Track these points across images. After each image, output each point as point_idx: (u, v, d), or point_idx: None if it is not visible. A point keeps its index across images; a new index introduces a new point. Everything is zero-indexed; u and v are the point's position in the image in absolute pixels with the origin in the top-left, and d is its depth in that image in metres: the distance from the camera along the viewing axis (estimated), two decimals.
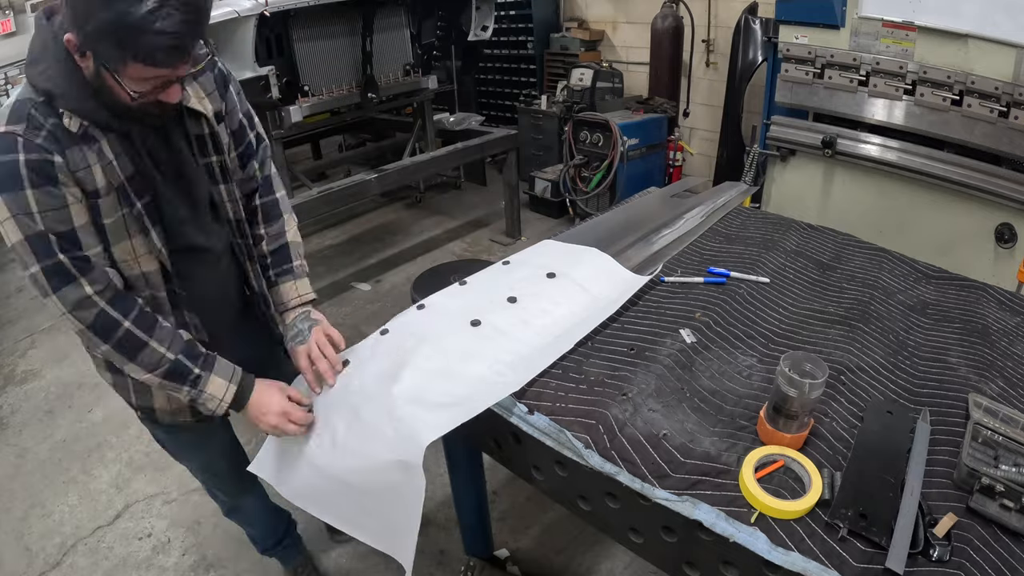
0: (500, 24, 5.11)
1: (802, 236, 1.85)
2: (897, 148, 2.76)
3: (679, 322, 1.37)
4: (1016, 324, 1.42)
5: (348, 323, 3.38)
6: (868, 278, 1.60)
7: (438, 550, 1.96)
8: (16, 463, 2.54)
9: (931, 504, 0.91)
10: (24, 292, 4.21)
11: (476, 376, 1.17)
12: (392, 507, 1.07)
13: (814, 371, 0.97)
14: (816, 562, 0.82)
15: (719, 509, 0.90)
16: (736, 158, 4.01)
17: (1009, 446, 0.96)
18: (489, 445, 1.28)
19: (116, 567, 2.01)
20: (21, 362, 3.31)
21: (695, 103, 4.69)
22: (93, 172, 1.01)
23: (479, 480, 1.65)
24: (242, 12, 2.79)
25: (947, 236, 2.68)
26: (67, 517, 2.23)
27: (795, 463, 0.96)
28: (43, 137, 0.96)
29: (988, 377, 1.21)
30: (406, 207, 5.05)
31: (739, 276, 1.56)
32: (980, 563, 0.82)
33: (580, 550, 1.94)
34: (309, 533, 2.02)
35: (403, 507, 1.05)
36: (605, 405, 1.11)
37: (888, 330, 1.37)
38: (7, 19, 5.29)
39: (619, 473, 0.99)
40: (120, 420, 2.74)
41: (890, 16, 2.60)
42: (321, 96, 3.50)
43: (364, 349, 1.29)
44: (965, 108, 2.45)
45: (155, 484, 2.35)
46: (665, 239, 1.77)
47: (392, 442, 1.05)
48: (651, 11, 4.42)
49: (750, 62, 3.92)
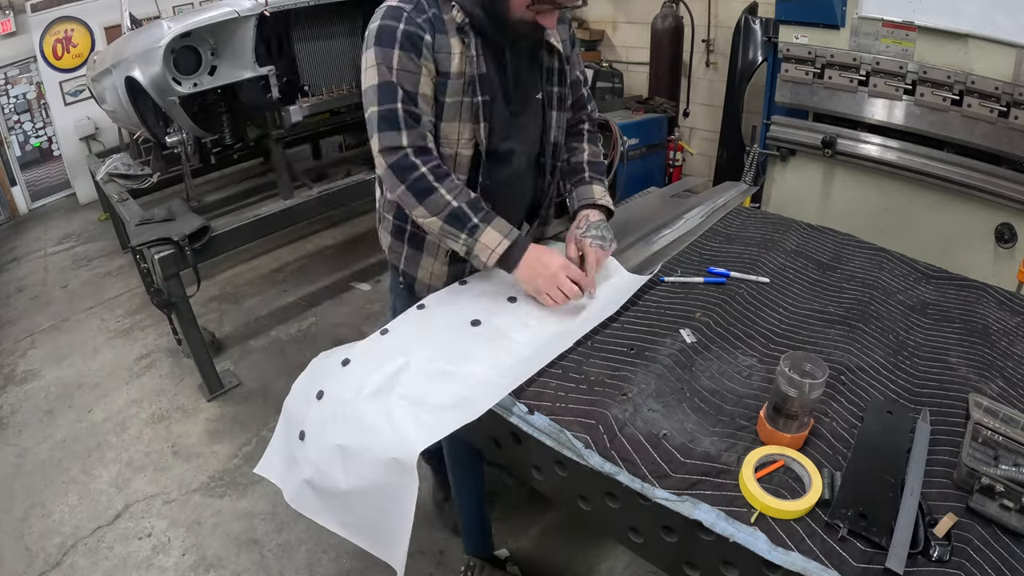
0: None
1: (802, 236, 1.85)
2: (897, 148, 2.75)
3: (679, 322, 1.37)
4: (1016, 324, 1.42)
5: (348, 323, 3.38)
6: (868, 278, 1.60)
7: (438, 550, 1.96)
8: (16, 463, 2.54)
9: (931, 504, 0.91)
10: (24, 292, 4.21)
11: (476, 377, 1.17)
12: (385, 509, 1.06)
13: (814, 371, 0.97)
14: (816, 562, 0.82)
15: (719, 509, 0.90)
16: (736, 158, 4.00)
17: (1009, 446, 0.96)
18: (489, 445, 1.28)
19: (116, 567, 2.01)
20: (21, 362, 3.32)
21: (695, 103, 4.69)
22: (451, 58, 1.25)
23: (479, 480, 1.65)
24: (242, 12, 2.79)
25: (947, 236, 2.67)
26: (67, 517, 2.23)
27: (795, 463, 0.96)
28: (423, 19, 1.22)
29: (988, 377, 1.21)
30: None
31: (739, 276, 1.56)
32: (980, 563, 0.82)
33: (580, 550, 1.94)
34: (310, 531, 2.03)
35: (396, 509, 1.04)
36: (605, 405, 1.11)
37: (888, 330, 1.37)
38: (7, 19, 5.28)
39: (619, 473, 0.99)
40: (120, 420, 2.74)
41: (890, 16, 2.60)
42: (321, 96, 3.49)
43: (364, 349, 1.29)
44: (965, 108, 2.45)
45: (155, 484, 2.35)
46: (665, 239, 1.77)
47: (389, 443, 1.05)
48: (651, 11, 4.41)
49: (750, 62, 3.91)
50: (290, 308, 3.61)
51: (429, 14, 1.23)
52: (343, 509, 1.13)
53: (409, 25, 1.21)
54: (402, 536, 1.05)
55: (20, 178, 5.78)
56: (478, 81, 1.28)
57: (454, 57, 1.25)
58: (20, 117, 5.63)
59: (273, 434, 1.29)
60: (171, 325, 2.94)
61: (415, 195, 1.25)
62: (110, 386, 3.02)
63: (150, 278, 3.01)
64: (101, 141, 5.64)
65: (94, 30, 5.58)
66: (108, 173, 3.92)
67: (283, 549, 2.03)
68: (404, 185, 1.25)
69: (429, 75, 1.25)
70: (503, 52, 1.31)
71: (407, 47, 1.21)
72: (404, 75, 1.22)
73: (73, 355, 3.31)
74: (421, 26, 1.22)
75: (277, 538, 2.07)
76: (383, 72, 1.22)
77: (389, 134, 1.23)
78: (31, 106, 5.67)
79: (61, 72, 5.57)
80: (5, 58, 5.40)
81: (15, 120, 5.61)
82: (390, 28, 1.21)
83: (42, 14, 5.33)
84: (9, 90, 5.52)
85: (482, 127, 1.31)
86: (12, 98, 5.54)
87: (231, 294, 3.86)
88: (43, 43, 5.42)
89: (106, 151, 4.99)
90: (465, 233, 1.26)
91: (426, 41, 1.22)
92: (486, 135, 1.32)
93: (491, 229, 1.27)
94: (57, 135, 5.79)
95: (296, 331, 3.37)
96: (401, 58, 1.21)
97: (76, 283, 4.25)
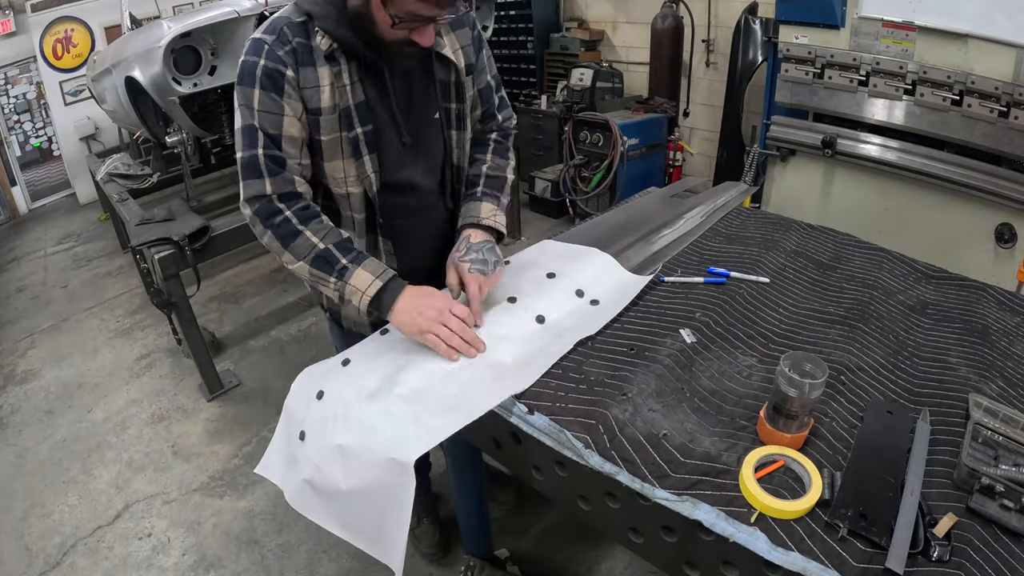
0: (500, 24, 5.11)
1: (802, 236, 1.85)
2: (897, 148, 2.75)
3: (679, 322, 1.37)
4: (1016, 324, 1.42)
5: None
6: (868, 278, 1.60)
7: None
8: (16, 463, 2.54)
9: (931, 504, 0.91)
10: (24, 292, 4.21)
11: (476, 378, 1.17)
12: (384, 510, 1.06)
13: (814, 371, 0.97)
14: (816, 562, 0.82)
15: (719, 509, 0.90)
16: (736, 158, 4.00)
17: (1009, 446, 0.96)
18: (489, 445, 1.28)
19: (116, 567, 2.01)
20: (21, 362, 3.32)
21: (695, 103, 4.69)
22: (320, 92, 1.13)
23: (479, 480, 1.65)
24: (242, 12, 2.80)
25: (947, 236, 2.67)
26: (67, 517, 2.23)
27: (795, 463, 0.96)
28: (285, 51, 1.10)
29: (988, 377, 1.20)
30: None
31: (739, 276, 1.56)
32: (980, 563, 0.82)
33: (580, 550, 1.94)
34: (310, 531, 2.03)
35: (395, 509, 1.04)
36: (605, 405, 1.11)
37: (888, 330, 1.37)
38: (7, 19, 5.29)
39: (619, 473, 0.99)
40: (120, 420, 2.74)
41: (890, 16, 2.60)
42: None
43: (365, 349, 1.29)
44: (965, 108, 2.45)
45: (155, 484, 2.35)
46: (665, 239, 1.77)
47: (389, 443, 1.05)
48: (651, 11, 4.42)
49: (750, 62, 3.92)
50: (290, 308, 3.61)
51: (293, 43, 1.11)
52: (343, 510, 1.13)
53: (269, 60, 1.10)
54: (399, 536, 1.05)
55: (20, 178, 5.79)
56: (355, 112, 1.16)
57: (323, 90, 1.13)
58: (20, 117, 5.64)
59: (273, 434, 1.29)
60: (171, 325, 2.95)
61: (279, 240, 1.16)
62: (110, 386, 3.02)
63: (150, 278, 3.01)
64: (101, 141, 5.65)
65: (94, 30, 5.58)
66: (108, 173, 3.92)
67: (283, 549, 2.03)
68: (269, 231, 1.16)
69: (295, 114, 1.14)
70: (382, 75, 1.18)
71: (267, 86, 1.10)
72: (265, 117, 1.12)
73: (73, 355, 3.32)
74: (282, 60, 1.10)
75: (277, 538, 2.07)
76: (245, 114, 1.13)
77: (252, 182, 1.14)
78: (31, 106, 5.68)
79: (61, 72, 5.58)
80: (5, 58, 5.40)
81: (15, 120, 5.62)
82: (251, 65, 1.10)
83: (42, 14, 5.34)
84: (9, 90, 5.52)
85: (368, 161, 1.20)
86: (12, 98, 5.55)
87: (231, 294, 3.86)
88: (43, 43, 5.42)
89: (106, 151, 5.00)
90: (334, 276, 1.16)
91: (288, 77, 1.10)
92: (373, 169, 1.21)
93: (361, 270, 1.16)
94: (57, 135, 5.79)
95: (296, 331, 3.37)
96: (262, 98, 1.11)
97: (76, 283, 4.25)
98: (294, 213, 1.15)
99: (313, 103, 1.14)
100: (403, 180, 1.26)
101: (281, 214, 1.15)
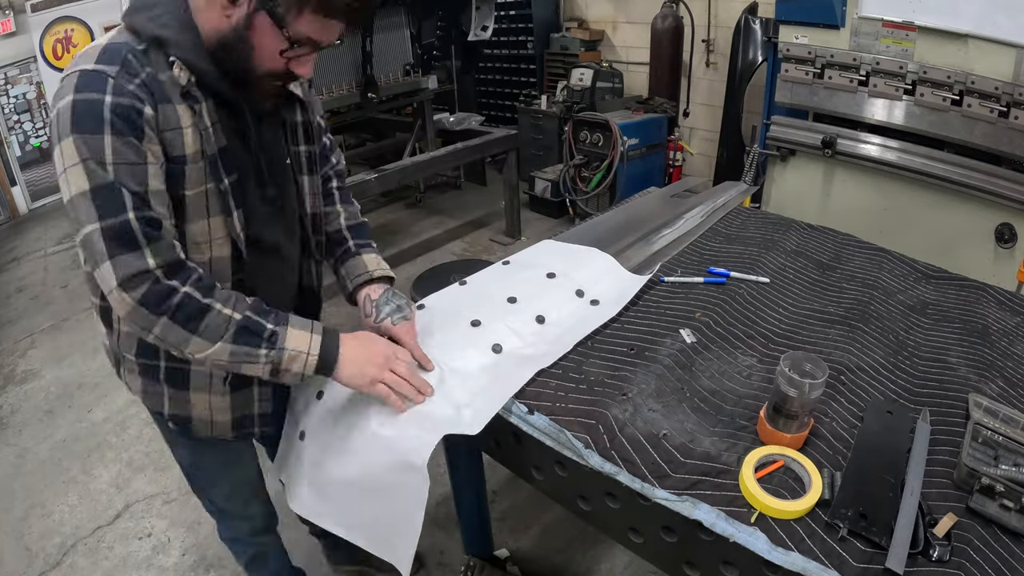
0: (500, 24, 5.11)
1: (802, 236, 1.85)
2: (897, 148, 2.76)
3: (679, 322, 1.37)
4: (1016, 324, 1.42)
5: (348, 324, 3.38)
6: (868, 278, 1.60)
7: (438, 550, 1.96)
8: (16, 463, 2.54)
9: (931, 504, 0.91)
10: (24, 292, 4.21)
11: (476, 379, 1.17)
12: (390, 510, 1.06)
13: (814, 371, 0.97)
14: (816, 562, 0.82)
15: (719, 509, 0.90)
16: (736, 158, 4.01)
17: (1009, 446, 0.96)
18: (489, 445, 1.28)
19: (116, 567, 2.01)
20: (21, 362, 3.31)
21: (695, 103, 4.69)
22: (183, 135, 0.91)
23: (479, 480, 1.65)
24: None
25: (947, 236, 2.68)
26: (67, 517, 2.23)
27: (795, 463, 0.96)
28: (136, 84, 0.86)
29: (988, 377, 1.21)
30: (406, 207, 5.04)
31: (739, 276, 1.56)
32: (980, 563, 0.82)
33: (580, 550, 1.94)
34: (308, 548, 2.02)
35: (402, 509, 1.04)
36: (605, 405, 1.11)
37: (888, 330, 1.37)
38: (7, 19, 5.29)
39: (619, 473, 0.99)
40: (120, 420, 2.74)
41: (890, 16, 2.60)
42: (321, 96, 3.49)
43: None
44: (965, 108, 2.45)
45: (155, 484, 2.35)
46: (665, 239, 1.77)
47: (390, 443, 1.05)
48: (651, 11, 4.42)
49: (750, 62, 3.92)
50: None
51: (143, 76, 0.87)
52: (344, 510, 1.13)
53: (120, 96, 0.85)
54: (410, 537, 1.04)
55: (20, 178, 5.78)
56: (220, 159, 0.96)
57: (186, 132, 0.92)
58: (20, 117, 5.64)
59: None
60: None
61: (183, 325, 0.91)
62: (110, 386, 3.02)
63: None
64: None
65: (94, 30, 5.58)
66: None
67: None
68: (166, 317, 0.90)
69: (157, 162, 0.89)
70: (243, 115, 0.99)
71: (122, 129, 0.85)
72: (125, 170, 0.86)
73: (73, 355, 3.31)
74: (136, 95, 0.86)
75: None
76: (94, 172, 0.84)
77: (124, 259, 0.87)
78: (31, 106, 5.68)
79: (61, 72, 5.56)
80: (5, 58, 5.40)
81: (15, 120, 5.61)
82: (92, 105, 0.84)
83: (42, 14, 5.34)
84: (9, 90, 5.52)
85: (236, 216, 0.99)
86: (12, 98, 5.54)
87: None
88: (43, 43, 5.42)
89: None
90: (264, 348, 0.96)
91: (147, 116, 0.87)
92: (241, 226, 1.01)
93: (291, 330, 0.98)
94: None
95: None
96: (116, 146, 0.85)
97: (76, 283, 4.24)
98: (192, 287, 0.92)
99: (176, 149, 0.91)
100: (267, 238, 1.09)
101: (177, 292, 0.90)
